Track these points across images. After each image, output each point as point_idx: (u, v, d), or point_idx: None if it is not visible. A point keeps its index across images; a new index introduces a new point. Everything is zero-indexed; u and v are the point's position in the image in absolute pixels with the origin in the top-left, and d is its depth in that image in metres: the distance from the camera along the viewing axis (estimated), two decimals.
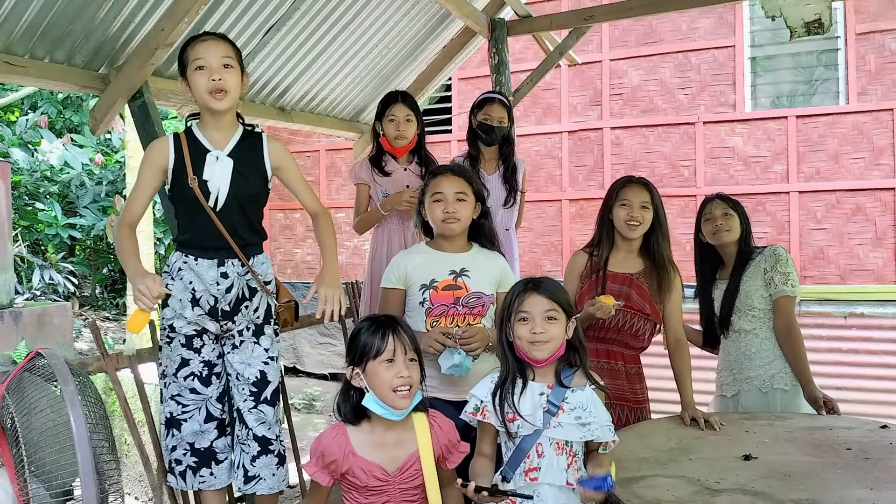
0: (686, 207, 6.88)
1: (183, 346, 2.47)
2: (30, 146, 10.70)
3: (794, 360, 2.88)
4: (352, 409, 1.91)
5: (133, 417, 2.84)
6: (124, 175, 9.27)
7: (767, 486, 1.90)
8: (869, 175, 6.39)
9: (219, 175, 2.39)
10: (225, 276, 2.44)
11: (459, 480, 1.88)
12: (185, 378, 2.47)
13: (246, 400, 2.50)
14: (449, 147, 7.69)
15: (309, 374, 8.32)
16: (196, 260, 2.43)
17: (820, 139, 6.56)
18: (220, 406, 2.53)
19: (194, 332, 2.47)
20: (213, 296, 2.43)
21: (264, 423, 2.51)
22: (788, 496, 1.83)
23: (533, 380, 1.97)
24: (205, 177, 2.38)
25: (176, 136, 2.45)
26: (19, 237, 9.82)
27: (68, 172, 10.48)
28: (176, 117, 10.95)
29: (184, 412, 2.48)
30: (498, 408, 1.94)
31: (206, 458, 2.51)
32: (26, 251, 10.00)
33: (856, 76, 6.48)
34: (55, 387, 2.12)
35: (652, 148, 7.17)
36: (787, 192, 6.64)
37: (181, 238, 2.48)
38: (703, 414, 2.56)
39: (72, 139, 10.77)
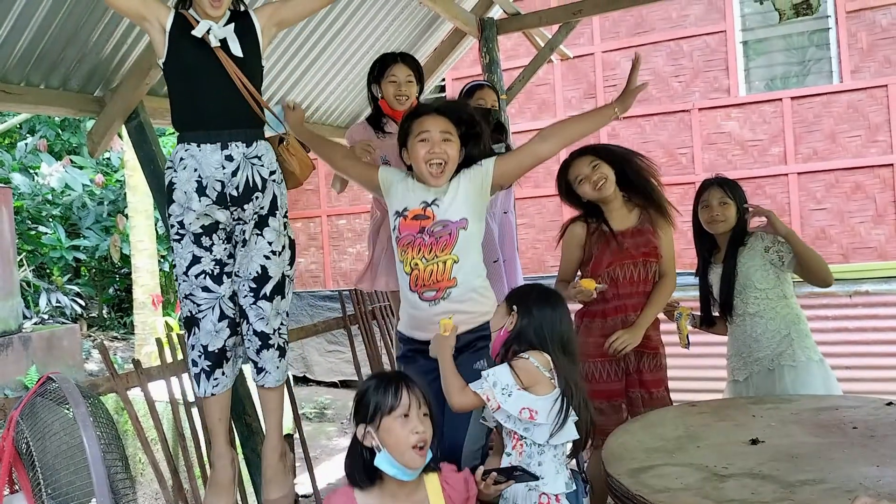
0: (686, 195, 6.87)
1: (193, 243, 2.45)
2: (30, 170, 10.76)
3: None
4: (364, 470, 1.79)
5: (146, 436, 2.87)
6: (125, 194, 9.32)
7: (775, 469, 1.92)
8: (866, 153, 6.39)
9: (217, 29, 2.34)
10: (230, 158, 2.38)
11: (467, 469, 1.90)
12: (197, 276, 2.46)
13: (246, 296, 2.50)
14: None
15: (319, 383, 8.35)
16: (199, 146, 2.38)
17: (816, 119, 6.56)
18: (232, 305, 2.53)
19: (202, 230, 2.45)
20: (220, 180, 2.38)
21: (262, 318, 2.51)
22: (796, 477, 1.85)
23: None
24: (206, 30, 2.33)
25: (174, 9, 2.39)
26: (24, 262, 9.88)
27: (69, 194, 10.53)
28: (173, 133, 11.00)
29: (199, 311, 2.49)
30: None
31: (218, 359, 2.53)
32: (32, 275, 10.05)
33: (848, 54, 6.48)
34: (67, 410, 2.14)
35: (648, 137, 7.18)
36: (786, 174, 6.64)
37: (180, 121, 2.44)
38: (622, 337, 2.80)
39: (71, 161, 10.82)
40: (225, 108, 2.38)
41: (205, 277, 2.47)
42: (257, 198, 2.45)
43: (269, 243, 2.51)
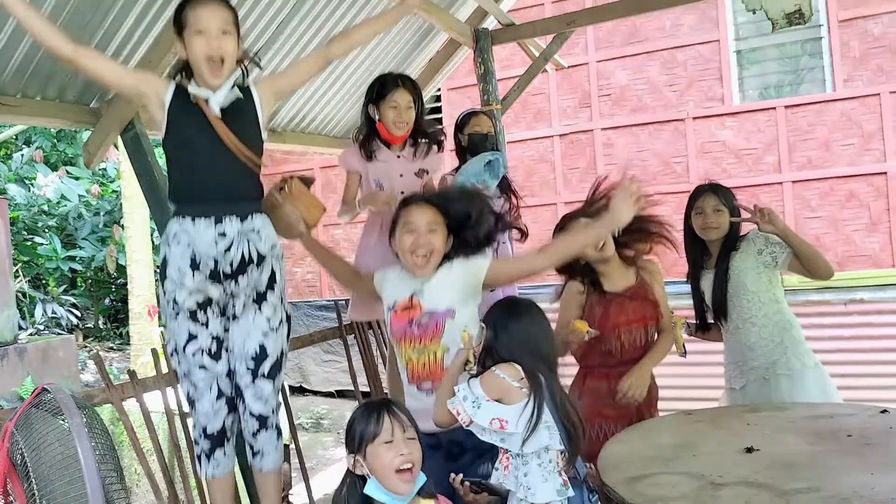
0: (681, 204, 6.83)
1: (188, 319, 2.39)
2: (26, 181, 10.76)
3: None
4: (358, 498, 1.85)
5: (141, 447, 2.86)
6: (121, 205, 9.32)
7: (770, 478, 1.92)
8: (860, 161, 6.42)
9: (215, 99, 2.30)
10: (223, 234, 2.32)
11: (453, 475, 1.94)
12: (194, 354, 2.41)
13: (243, 376, 2.44)
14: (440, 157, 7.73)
15: (315, 393, 8.34)
16: (193, 221, 2.32)
17: (809, 128, 6.60)
18: (229, 381, 2.48)
19: (197, 305, 2.38)
20: (213, 258, 2.32)
21: (261, 398, 2.45)
22: (791, 486, 1.86)
23: None
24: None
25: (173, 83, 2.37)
26: (20, 273, 9.85)
27: (65, 205, 10.53)
28: None
29: (196, 391, 2.44)
30: None
31: (219, 440, 2.48)
32: (27, 286, 10.03)
33: (841, 63, 6.52)
34: (62, 421, 2.14)
35: (643, 146, 7.21)
36: (781, 183, 6.67)
37: (175, 194, 2.40)
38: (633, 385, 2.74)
39: (67, 172, 10.83)
40: (220, 182, 2.34)
41: (202, 355, 2.41)
42: (252, 271, 2.39)
43: (268, 319, 2.44)
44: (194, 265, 2.33)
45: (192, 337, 2.40)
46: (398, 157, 3.35)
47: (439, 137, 3.44)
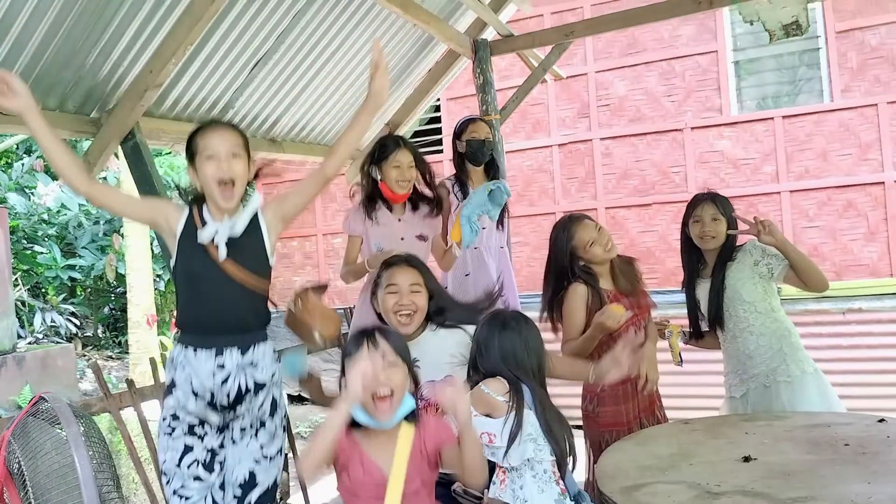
0: (679, 213, 6.84)
1: (186, 434, 2.37)
2: (26, 190, 10.77)
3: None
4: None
5: (138, 455, 2.86)
6: None
7: (767, 487, 1.92)
8: (858, 171, 6.44)
9: (221, 238, 2.30)
10: (222, 367, 2.30)
11: (442, 419, 2.00)
12: (189, 466, 2.36)
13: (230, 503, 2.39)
14: (441, 167, 7.75)
15: (314, 402, 8.32)
16: (195, 352, 2.32)
17: (807, 138, 6.62)
18: (222, 494, 2.41)
19: (197, 421, 2.37)
20: (210, 390, 2.31)
21: None
22: (788, 495, 1.86)
23: None
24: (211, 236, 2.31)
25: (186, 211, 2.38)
26: (19, 281, 9.85)
27: (65, 214, 10.53)
28: (170, 153, 11.04)
29: None
30: None
31: None
32: (27, 295, 10.02)
33: (838, 74, 6.55)
34: (60, 430, 2.15)
35: (642, 156, 7.23)
36: (778, 193, 6.69)
37: (181, 322, 2.41)
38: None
39: None
40: (224, 315, 2.34)
41: (197, 466, 2.37)
42: (249, 399, 2.36)
43: (261, 447, 2.40)
44: (194, 392, 2.34)
45: (188, 449, 2.37)
46: (399, 220, 3.36)
47: (442, 201, 3.46)
